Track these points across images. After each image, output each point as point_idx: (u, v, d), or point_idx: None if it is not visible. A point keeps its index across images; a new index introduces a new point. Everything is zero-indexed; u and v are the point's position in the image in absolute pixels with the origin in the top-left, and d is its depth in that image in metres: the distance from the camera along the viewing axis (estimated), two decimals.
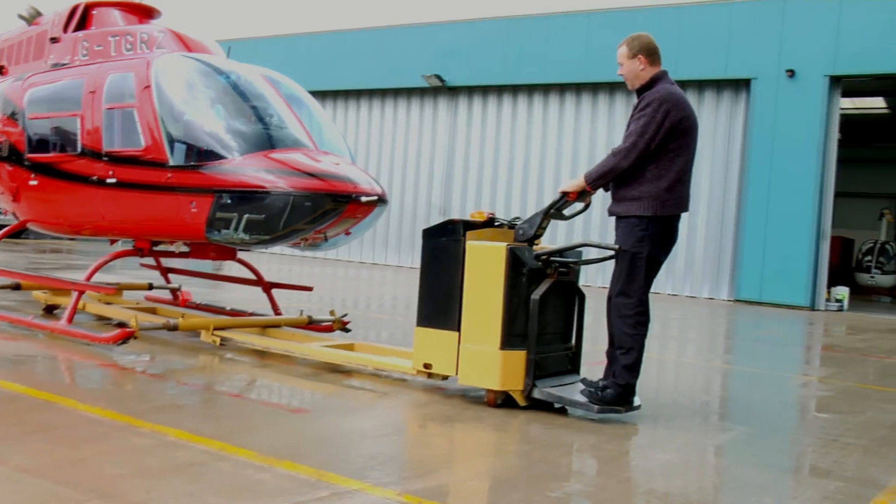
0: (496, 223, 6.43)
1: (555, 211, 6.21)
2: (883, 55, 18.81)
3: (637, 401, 5.96)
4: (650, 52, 5.96)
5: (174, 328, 7.44)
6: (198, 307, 9.33)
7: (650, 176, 5.78)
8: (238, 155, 7.13)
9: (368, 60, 25.31)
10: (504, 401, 6.05)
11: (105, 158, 7.78)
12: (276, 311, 8.85)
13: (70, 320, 7.54)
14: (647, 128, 5.72)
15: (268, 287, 8.99)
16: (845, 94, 20.71)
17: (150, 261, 9.59)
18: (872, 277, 23.69)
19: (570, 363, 6.42)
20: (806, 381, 8.79)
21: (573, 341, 6.45)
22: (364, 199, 7.09)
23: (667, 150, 5.77)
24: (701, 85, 21.12)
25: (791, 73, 19.63)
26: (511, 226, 6.47)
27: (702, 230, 20.97)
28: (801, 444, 5.92)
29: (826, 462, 5.32)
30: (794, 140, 19.58)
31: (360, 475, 4.27)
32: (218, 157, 7.17)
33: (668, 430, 5.86)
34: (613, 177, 5.85)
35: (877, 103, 24.27)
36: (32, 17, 9.26)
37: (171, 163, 7.35)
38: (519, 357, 5.97)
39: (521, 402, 6.02)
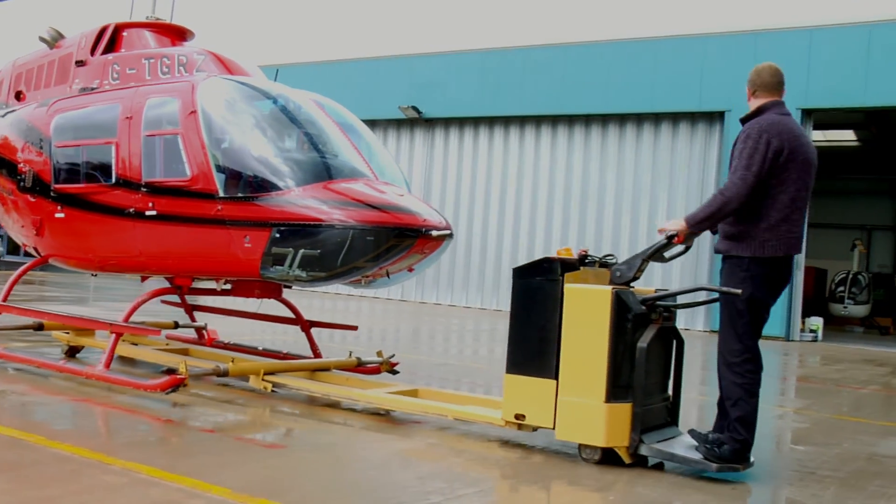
0: (587, 261, 6.10)
1: (656, 253, 5.91)
2: (852, 89, 19.14)
3: (751, 457, 5.66)
4: (754, 84, 5.71)
5: (224, 374, 6.93)
6: (226, 347, 8.77)
7: (751, 214, 5.49)
8: (296, 185, 6.68)
9: (345, 91, 24.79)
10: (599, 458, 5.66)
11: (144, 189, 7.25)
12: (316, 351, 8.38)
13: (108, 365, 6.98)
14: (752, 159, 5.41)
15: (307, 326, 8.50)
16: (817, 127, 21.00)
17: (172, 297, 8.99)
18: (845, 308, 23.94)
19: (669, 415, 6.10)
20: (782, 413, 8.71)
21: (670, 391, 6.13)
22: (435, 233, 6.69)
23: (768, 184, 5.48)
24: (675, 117, 21.25)
25: None
26: (602, 264, 6.16)
27: (678, 261, 20.90)
28: (779, 479, 5.77)
29: (804, 495, 5.23)
30: None
31: None
32: (274, 187, 6.71)
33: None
34: (722, 217, 5.55)
35: (847, 136, 24.69)
36: (55, 40, 8.64)
37: (221, 194, 6.85)
38: (624, 410, 5.62)
39: (627, 460, 5.65)
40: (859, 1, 20.08)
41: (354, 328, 8.83)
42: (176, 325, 9.00)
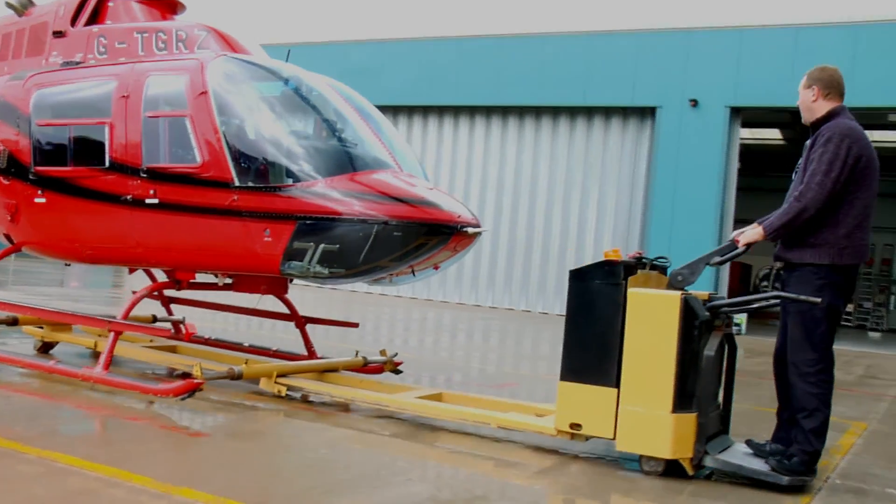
0: (643, 263, 5.87)
1: (723, 259, 5.72)
2: (779, 89, 19.50)
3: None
4: (828, 85, 5.52)
5: (238, 377, 6.42)
6: (206, 342, 8.20)
7: (828, 220, 5.34)
8: (322, 176, 6.23)
9: None
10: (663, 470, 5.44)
11: (144, 175, 6.64)
12: (310, 349, 7.90)
13: (107, 367, 6.37)
14: (832, 165, 5.26)
15: (302, 322, 8.00)
16: (745, 125, 21.40)
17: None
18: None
19: (722, 423, 5.92)
20: None
21: (721, 399, 5.95)
22: (470, 230, 6.35)
23: (846, 191, 5.35)
24: (608, 112, 21.32)
25: (694, 103, 20.06)
26: (653, 266, 5.94)
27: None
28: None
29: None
30: (696, 167, 20.02)
31: None
32: (299, 178, 6.25)
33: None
34: (799, 224, 5.39)
35: (773, 134, 25.30)
36: (24, 7, 7.84)
37: (237, 183, 6.33)
38: (689, 421, 5.41)
39: (690, 472, 5.44)
40: (787, 4, 20.48)
41: (355, 325, 8.38)
42: (154, 319, 8.36)
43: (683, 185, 20.10)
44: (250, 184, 6.33)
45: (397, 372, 7.81)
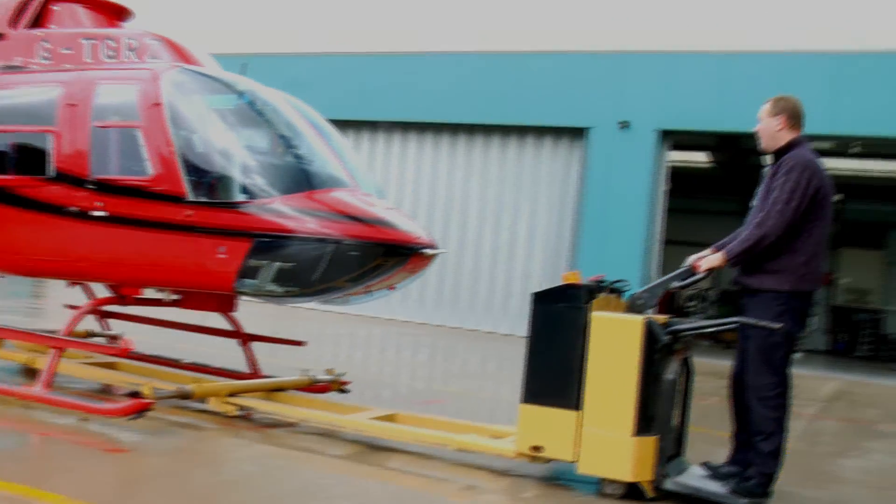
0: (603, 286, 5.88)
1: (684, 283, 5.78)
2: (707, 114, 19.97)
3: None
4: (793, 116, 5.64)
5: (188, 396, 6.24)
6: (143, 358, 7.92)
7: (787, 247, 5.45)
8: (279, 193, 6.13)
9: None
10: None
11: (91, 186, 6.41)
12: (255, 368, 7.72)
13: (49, 385, 6.12)
14: (793, 194, 5.37)
15: (247, 340, 7.81)
16: (675, 148, 21.80)
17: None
18: None
19: (677, 446, 5.96)
20: None
21: (677, 421, 5.99)
22: (429, 251, 6.31)
23: (805, 220, 5.47)
24: (540, 132, 21.47)
25: (624, 125, 20.35)
26: (612, 290, 5.97)
27: (538, 272, 21.25)
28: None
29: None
30: (625, 188, 20.30)
31: None
32: (256, 194, 6.13)
33: None
34: (759, 250, 5.48)
35: (701, 157, 25.83)
36: None
37: (191, 198, 6.18)
38: (650, 444, 5.44)
39: (650, 494, 5.47)
40: (715, 31, 21.04)
41: (302, 343, 8.23)
42: (89, 335, 8.08)
43: (613, 206, 20.36)
44: (205, 199, 6.18)
45: (344, 391, 7.68)
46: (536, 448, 5.62)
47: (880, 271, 29.61)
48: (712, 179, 28.01)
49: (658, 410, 5.50)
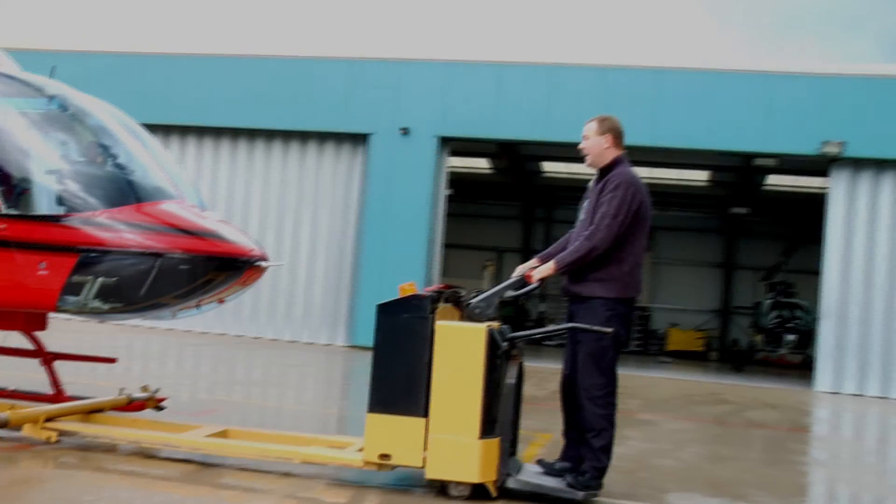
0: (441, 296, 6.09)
1: (517, 293, 6.09)
2: (484, 122, 20.81)
3: None
4: (617, 135, 6.09)
5: (4, 424, 5.85)
6: None
7: (614, 258, 5.90)
8: (106, 206, 5.92)
9: None
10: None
11: None
12: (58, 388, 7.29)
13: None
14: (619, 209, 5.82)
15: (49, 359, 7.36)
16: (456, 154, 22.47)
17: None
18: None
19: (511, 446, 6.26)
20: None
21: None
22: (264, 264, 6.29)
23: (629, 233, 5.93)
24: (322, 137, 21.53)
25: (405, 131, 20.79)
26: (448, 299, 6.19)
27: (320, 277, 21.31)
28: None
29: None
30: (407, 194, 20.77)
31: None
32: (81, 207, 5.88)
33: None
34: (588, 261, 5.87)
35: (482, 164, 26.72)
36: None
37: (4, 211, 5.83)
38: (494, 445, 5.72)
39: (494, 493, 5.74)
40: (489, 41, 21.92)
41: (112, 360, 7.85)
42: None
43: (395, 211, 20.75)
44: (20, 212, 5.83)
45: (160, 408, 7.44)
46: (384, 456, 5.75)
47: (647, 271, 31.99)
48: (494, 185, 29.10)
49: (500, 413, 5.78)
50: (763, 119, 19.20)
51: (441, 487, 5.74)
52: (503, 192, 29.66)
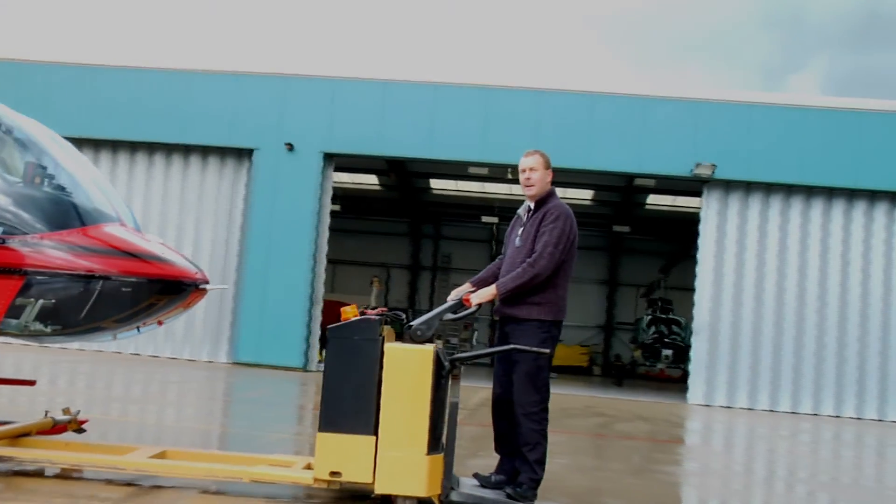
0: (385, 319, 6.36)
1: (456, 315, 6.41)
2: (369, 138, 21.08)
3: None
4: (551, 169, 6.54)
5: None
6: None
7: (550, 283, 6.31)
8: (51, 228, 5.94)
9: None
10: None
11: None
12: None
13: None
14: (560, 239, 6.25)
15: None
16: (342, 170, 22.59)
17: None
18: None
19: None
20: (280, 439, 9.21)
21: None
22: (206, 286, 6.43)
23: (564, 260, 6.37)
24: (206, 151, 21.36)
25: (290, 147, 20.86)
26: (387, 321, 6.45)
27: None
28: None
29: None
30: (291, 209, 20.84)
31: None
32: (24, 230, 5.87)
33: None
34: (530, 287, 6.25)
35: (371, 180, 26.84)
36: None
37: None
38: (439, 461, 6.00)
39: None
40: (377, 60, 22.20)
41: (32, 383, 7.73)
42: None
43: (279, 226, 20.77)
44: None
45: (81, 430, 7.39)
46: (335, 473, 5.97)
47: None
48: (383, 202, 29.32)
49: (444, 430, 6.08)
50: (639, 141, 20.18)
51: (383, 500, 5.97)
52: (392, 209, 29.94)
